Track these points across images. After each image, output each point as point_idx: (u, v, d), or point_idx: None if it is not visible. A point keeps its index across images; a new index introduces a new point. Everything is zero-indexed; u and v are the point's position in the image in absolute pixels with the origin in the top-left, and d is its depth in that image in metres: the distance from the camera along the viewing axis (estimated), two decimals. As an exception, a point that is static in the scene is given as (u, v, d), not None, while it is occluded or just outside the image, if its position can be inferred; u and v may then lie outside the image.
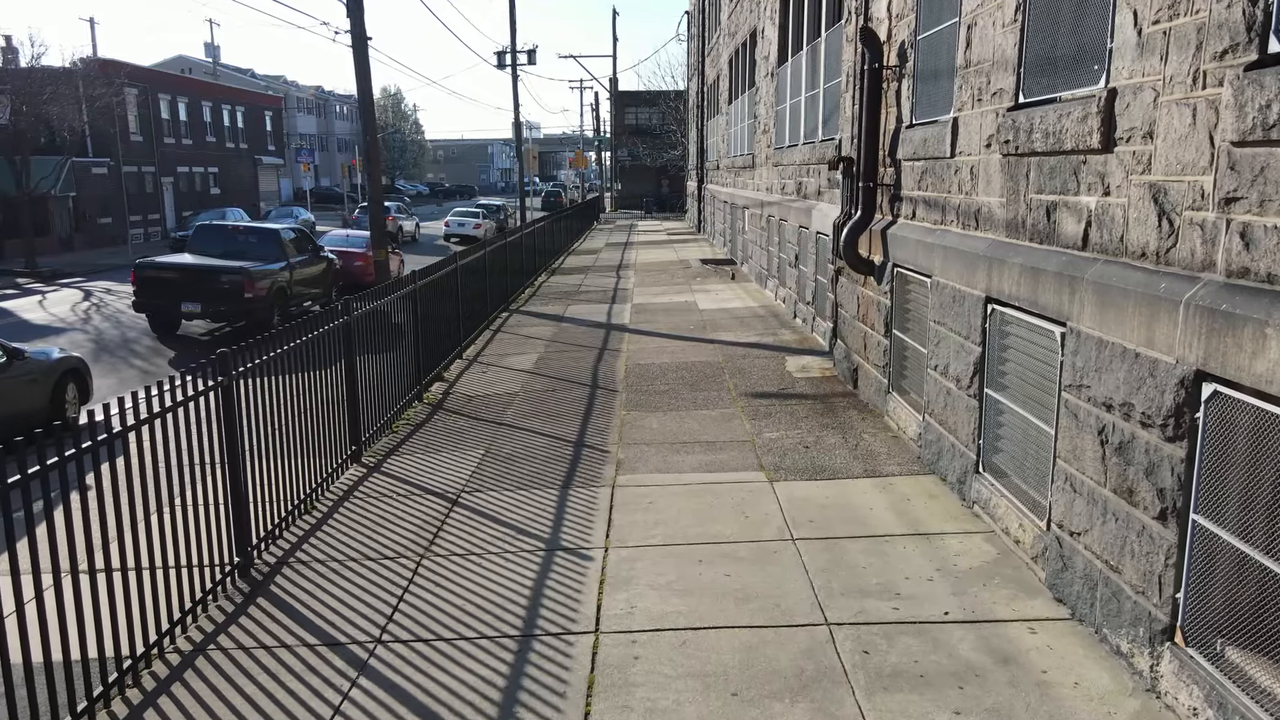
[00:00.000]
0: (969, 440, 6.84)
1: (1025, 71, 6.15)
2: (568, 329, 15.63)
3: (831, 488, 7.42)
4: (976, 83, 6.90)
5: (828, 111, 13.42)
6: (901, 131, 8.84)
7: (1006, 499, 6.21)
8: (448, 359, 12.63)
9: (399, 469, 8.35)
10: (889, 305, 9.11)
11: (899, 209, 9.00)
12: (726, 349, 13.27)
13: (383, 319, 9.58)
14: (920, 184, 8.31)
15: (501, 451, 8.74)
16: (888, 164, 9.34)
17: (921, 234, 8.05)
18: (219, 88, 54.92)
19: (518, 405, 10.49)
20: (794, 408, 9.94)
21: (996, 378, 6.47)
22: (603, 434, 9.20)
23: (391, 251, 25.02)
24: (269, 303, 16.21)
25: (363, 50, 19.69)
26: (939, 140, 7.69)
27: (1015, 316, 6.08)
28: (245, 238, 17.43)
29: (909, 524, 6.59)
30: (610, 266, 26.62)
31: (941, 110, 7.86)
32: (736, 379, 11.37)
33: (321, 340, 7.85)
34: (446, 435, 9.39)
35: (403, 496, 7.60)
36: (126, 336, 16.62)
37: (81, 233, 36.95)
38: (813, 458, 8.19)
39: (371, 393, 9.09)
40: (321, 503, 7.53)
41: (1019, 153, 6.05)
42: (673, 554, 6.22)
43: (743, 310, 16.93)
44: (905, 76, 8.82)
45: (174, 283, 15.60)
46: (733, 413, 9.85)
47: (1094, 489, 4.93)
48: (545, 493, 7.52)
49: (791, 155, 16.08)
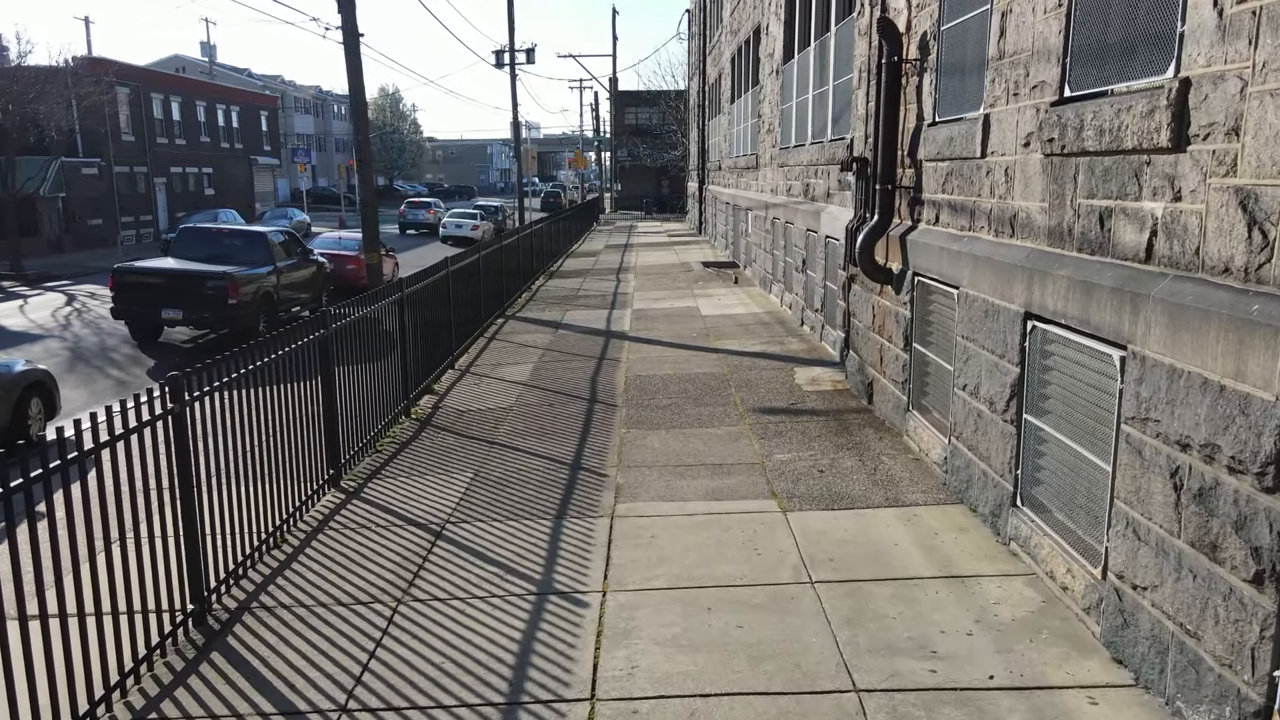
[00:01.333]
0: (1004, 470, 6.20)
1: (1072, 62, 5.51)
2: (565, 336, 14.99)
3: (851, 519, 6.77)
4: (1012, 75, 6.26)
5: (838, 110, 12.78)
6: (923, 130, 8.20)
7: (1051, 539, 5.57)
8: (438, 370, 11.99)
9: (380, 495, 7.71)
10: (909, 317, 8.47)
11: (919, 213, 8.36)
12: (731, 359, 12.63)
13: (367, 329, 8.94)
14: (944, 187, 7.67)
15: (491, 475, 8.09)
16: (907, 165, 8.70)
17: (946, 241, 7.42)
18: (214, 87, 54.29)
19: (510, 421, 9.85)
20: (806, 425, 9.30)
21: (1037, 402, 5.83)
22: (601, 454, 8.56)
23: (386, 254, 24.43)
24: (254, 309, 15.57)
25: (354, 47, 19.05)
26: (967, 139, 7.05)
27: (1061, 335, 5.44)
28: (231, 241, 16.80)
29: (940, 564, 5.95)
30: (610, 269, 25.98)
31: (969, 106, 7.22)
32: (743, 392, 10.73)
33: (295, 356, 7.22)
34: (433, 456, 8.75)
35: (382, 528, 6.96)
36: (105, 344, 15.97)
37: (71, 234, 36.28)
38: (828, 484, 7.55)
39: (353, 410, 8.45)
40: (294, 534, 6.89)
41: (1065, 152, 5.41)
42: (678, 600, 5.58)
43: (747, 317, 16.29)
44: (927, 70, 8.18)
45: (154, 288, 14.96)
46: (740, 431, 9.20)
47: (1164, 539, 4.29)
48: (537, 524, 6.88)
49: (798, 155, 15.44)
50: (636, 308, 17.96)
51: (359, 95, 19.00)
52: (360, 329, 8.76)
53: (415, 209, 49.71)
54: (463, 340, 13.72)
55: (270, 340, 6.90)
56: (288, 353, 7.07)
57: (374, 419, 9.11)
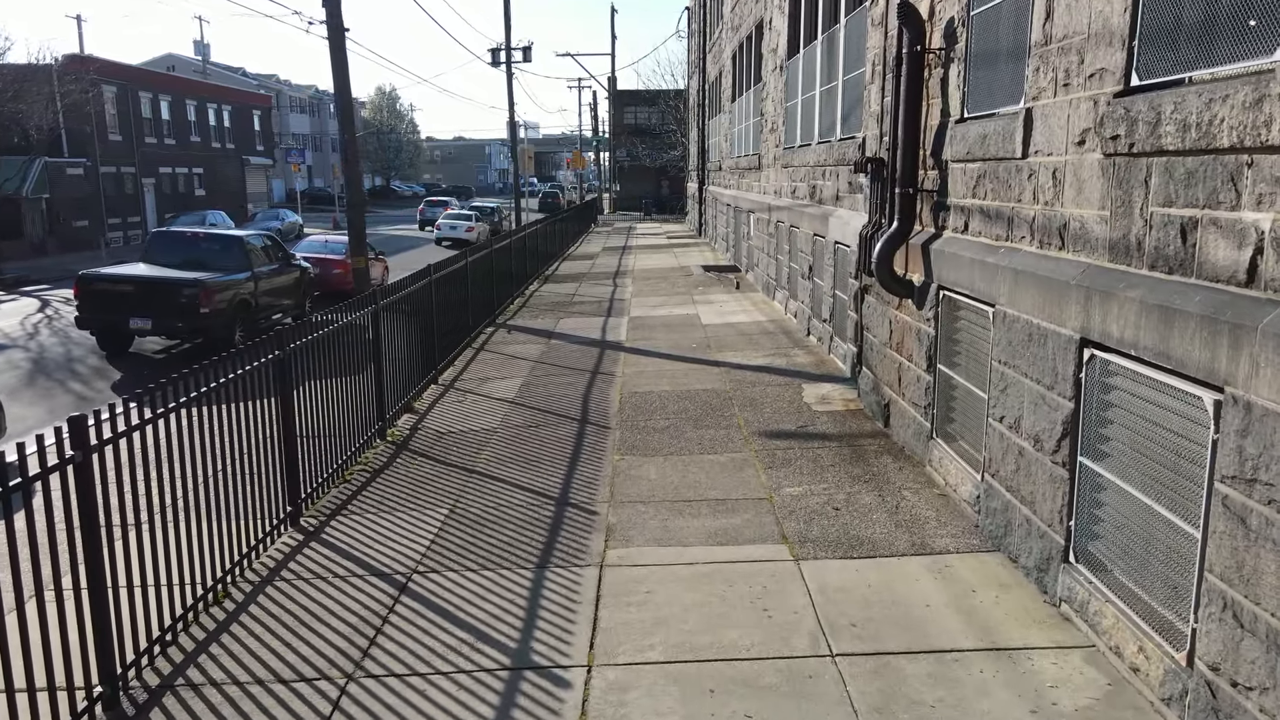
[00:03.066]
0: (1054, 518, 5.36)
1: (1141, 45, 4.68)
2: (557, 347, 14.15)
3: (873, 570, 5.94)
4: (1062, 63, 5.43)
5: (847, 107, 11.95)
6: (949, 127, 7.37)
7: (1115, 607, 4.74)
8: (420, 385, 11.15)
9: (344, 536, 6.87)
10: (932, 335, 7.64)
11: (945, 220, 7.53)
12: (734, 374, 11.80)
13: (336, 345, 8.11)
14: (975, 190, 6.84)
15: (469, 511, 7.26)
16: (929, 166, 7.87)
17: (978, 252, 6.58)
18: (205, 85, 53.41)
19: (494, 446, 9.02)
20: (817, 452, 8.47)
21: (1096, 443, 4.99)
22: (591, 487, 7.73)
23: (375, 257, 23.59)
24: (229, 318, 14.72)
25: (339, 42, 18.24)
26: (1004, 137, 6.22)
27: (1129, 369, 4.61)
28: (206, 246, 15.93)
29: (981, 631, 5.11)
30: (607, 273, 25.14)
31: (1006, 100, 6.39)
32: (747, 412, 9.90)
33: (246, 381, 6.39)
34: (407, 487, 7.92)
35: (341, 578, 6.12)
36: (71, 355, 15.11)
37: (55, 236, 35.39)
38: (845, 524, 6.71)
39: (318, 436, 7.62)
40: (242, 585, 6.05)
41: (1133, 152, 4.58)
42: (676, 678, 4.74)
43: (750, 325, 15.45)
44: (954, 61, 7.35)
45: (122, 296, 14.10)
46: (745, 458, 8.37)
47: (1278, 630, 3.46)
48: (516, 575, 6.04)
49: (804, 156, 14.61)
50: (634, 315, 17.13)
51: (344, 93, 18.20)
52: (328, 346, 7.93)
53: (433, 206, 52.68)
54: (448, 352, 12.88)
55: (220, 361, 6.09)
56: (236, 377, 6.25)
57: (344, 444, 8.28)
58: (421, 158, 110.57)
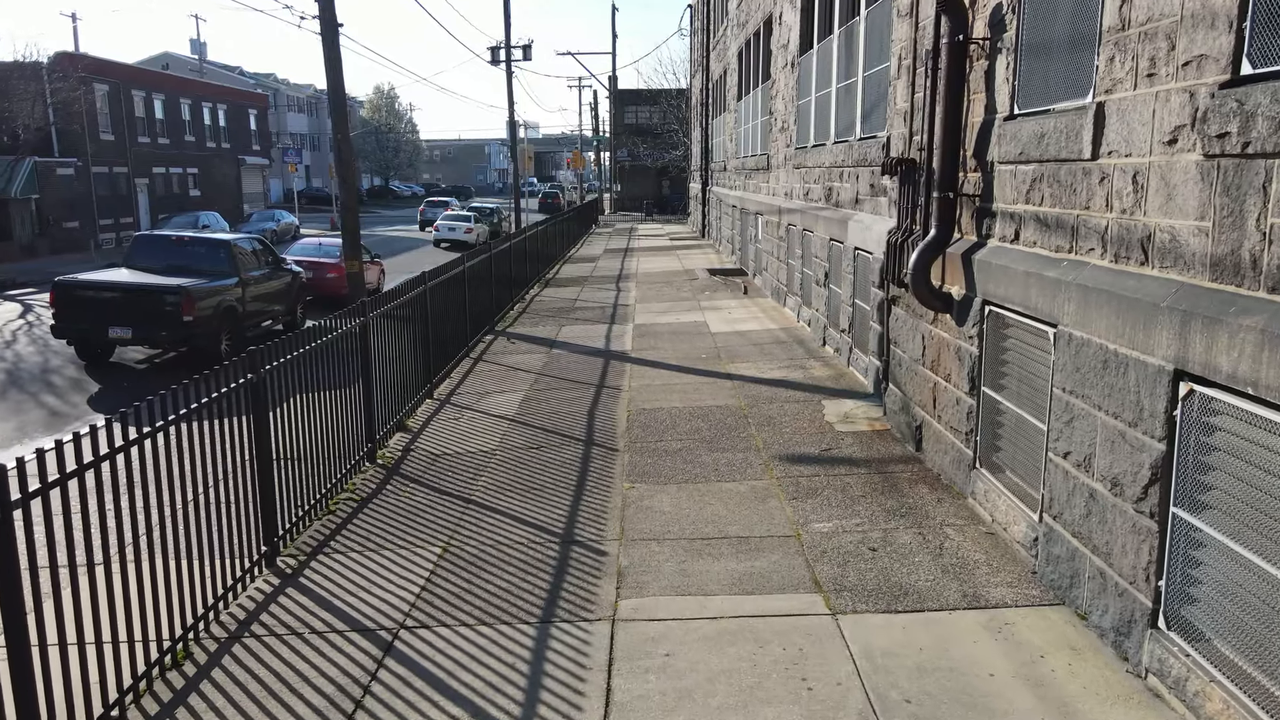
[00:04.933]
0: (1138, 575, 4.65)
1: (1254, 28, 3.97)
2: (560, 358, 13.44)
3: (923, 629, 5.22)
4: (1145, 50, 4.72)
5: (869, 105, 11.25)
6: (996, 125, 6.66)
7: (1224, 689, 4.03)
8: (414, 400, 10.44)
9: (325, 580, 6.16)
10: (975, 354, 6.93)
11: (990, 227, 6.82)
12: (748, 388, 11.08)
13: (319, 363, 7.40)
14: (1030, 195, 6.13)
15: (464, 550, 6.55)
16: (971, 168, 7.17)
17: (1035, 264, 5.87)
18: (199, 84, 52.66)
19: (492, 470, 8.31)
20: (845, 480, 7.76)
21: (1194, 493, 4.28)
22: (599, 521, 7.02)
23: (371, 260, 22.87)
24: (215, 326, 14.01)
25: (333, 38, 17.52)
26: (1067, 135, 5.52)
27: (1243, 410, 3.90)
28: (191, 250, 15.22)
29: (1059, 712, 4.40)
30: (609, 277, 24.44)
31: (1068, 93, 5.68)
32: (765, 433, 9.18)
33: (215, 407, 5.69)
34: (397, 519, 7.21)
35: (320, 634, 5.40)
36: (49, 365, 14.38)
37: (46, 238, 34.65)
38: (885, 569, 6.00)
39: (300, 461, 6.92)
40: (206, 641, 5.35)
41: (1247, 153, 3.88)
42: (706, 772, 4.04)
43: (761, 334, 14.74)
44: (1002, 51, 6.64)
45: (100, 304, 13.38)
46: (766, 486, 7.67)
47: None
48: (517, 632, 5.33)
49: (818, 156, 13.90)
50: (638, 323, 16.41)
51: (338, 90, 17.47)
52: (310, 363, 7.22)
53: (434, 206, 52.74)
54: (445, 363, 12.17)
55: (184, 388, 5.39)
56: (201, 407, 5.54)
57: (329, 470, 7.57)
58: (421, 158, 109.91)
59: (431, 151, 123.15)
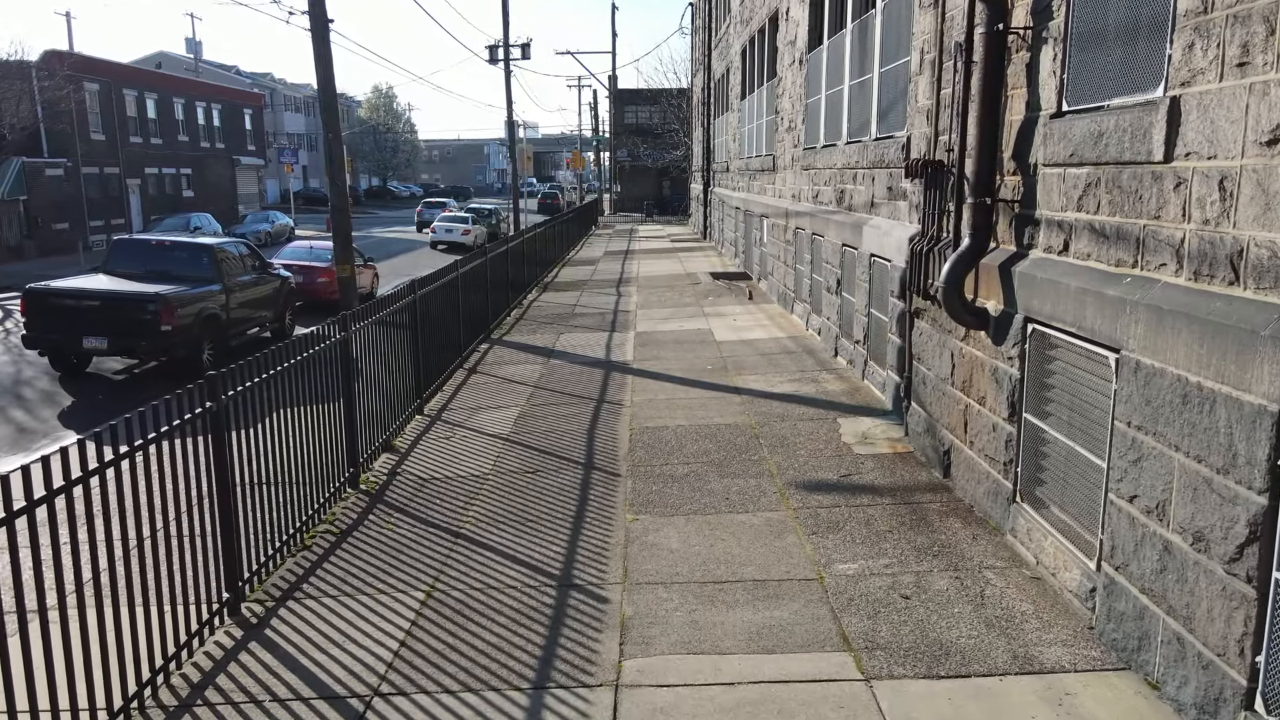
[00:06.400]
0: (1229, 647, 4.00)
1: (1387, 4, 3.32)
2: (558, 369, 12.78)
3: (971, 700, 4.56)
4: (1236, 36, 4.07)
5: (886, 102, 10.60)
6: (1042, 123, 6.01)
7: (1347, 797, 3.37)
8: (402, 418, 9.78)
9: (293, 632, 5.50)
10: (1016, 377, 6.27)
11: (1033, 237, 6.16)
12: (758, 404, 10.42)
13: (291, 383, 6.75)
14: (1082, 202, 5.47)
15: (451, 595, 5.89)
16: (1009, 171, 6.51)
17: (1090, 280, 5.22)
18: (193, 83, 51.97)
19: (484, 499, 7.65)
20: (868, 511, 7.10)
21: (1304, 558, 3.63)
22: (600, 560, 6.36)
23: (364, 264, 22.21)
24: (196, 335, 13.34)
25: (323, 33, 16.88)
26: (1133, 134, 4.86)
27: (1376, 464, 3.24)
28: (172, 254, 14.55)
29: (1141, 811, 3.75)
30: (609, 281, 23.77)
31: (1129, 87, 5.03)
32: (779, 455, 8.53)
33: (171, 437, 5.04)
34: (379, 557, 6.55)
35: (281, 703, 4.74)
36: (21, 375, 13.71)
37: (34, 240, 33.96)
38: (922, 622, 5.34)
39: (269, 498, 6.26)
40: (153, 712, 4.69)
41: (1381, 156, 3.22)
42: None
43: (769, 343, 14.08)
44: (1047, 41, 5.98)
45: (75, 312, 12.71)
46: (783, 519, 7.01)
47: None
48: (506, 701, 4.68)
49: (829, 157, 13.25)
50: (640, 330, 15.75)
51: (328, 88, 16.82)
52: (282, 385, 6.56)
53: (431, 207, 52.58)
54: (436, 375, 11.51)
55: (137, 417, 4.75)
56: (151, 440, 4.89)
57: (305, 501, 6.92)
58: (419, 158, 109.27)
59: (430, 152, 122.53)
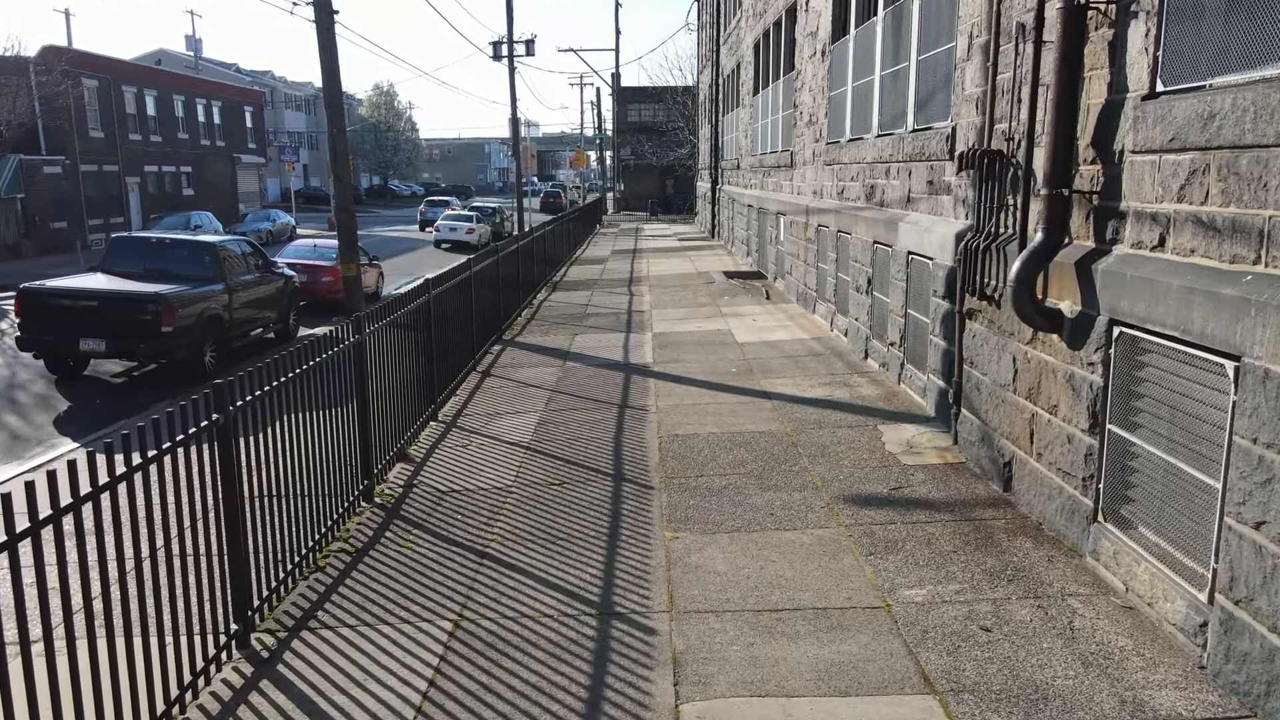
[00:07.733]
0: (1396, 703, 3.46)
1: None
2: (575, 372, 12.24)
3: (1082, 753, 4.03)
4: (1403, -3, 3.53)
5: (925, 92, 10.05)
6: (1130, 106, 5.47)
7: None
8: (417, 424, 9.24)
9: (308, 670, 4.96)
10: (1099, 385, 5.73)
11: (1118, 231, 5.63)
12: (791, 410, 9.88)
13: (302, 391, 6.21)
14: (1184, 192, 4.93)
15: (481, 626, 5.36)
16: (1088, 159, 5.97)
17: (1199, 278, 4.68)
18: (193, 80, 51.40)
19: (509, 514, 7.12)
20: (926, 529, 6.56)
21: None
22: (642, 584, 5.83)
23: (369, 263, 21.69)
24: (197, 336, 12.81)
25: (328, 25, 16.38)
26: (1254, 115, 4.32)
27: None
28: (173, 253, 14.02)
29: None
30: (620, 280, 23.24)
31: (1245, 63, 4.49)
32: (821, 466, 7.99)
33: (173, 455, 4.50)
34: (399, 580, 6.01)
35: (297, 755, 4.21)
36: (16, 379, 13.17)
37: (32, 239, 33.41)
38: (1009, 659, 4.80)
39: (279, 514, 5.72)
40: (152, 765, 4.15)
41: None
42: None
43: (793, 344, 13.54)
44: (1137, 15, 5.44)
45: (72, 313, 12.18)
46: (835, 537, 6.47)
47: None
48: (554, 755, 4.14)
49: (857, 151, 12.70)
50: (657, 331, 15.21)
51: (333, 82, 16.33)
52: (294, 391, 6.03)
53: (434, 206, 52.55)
54: (450, 379, 10.98)
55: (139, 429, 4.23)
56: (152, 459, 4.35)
57: (318, 518, 6.38)
58: (420, 156, 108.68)
59: (431, 150, 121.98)
